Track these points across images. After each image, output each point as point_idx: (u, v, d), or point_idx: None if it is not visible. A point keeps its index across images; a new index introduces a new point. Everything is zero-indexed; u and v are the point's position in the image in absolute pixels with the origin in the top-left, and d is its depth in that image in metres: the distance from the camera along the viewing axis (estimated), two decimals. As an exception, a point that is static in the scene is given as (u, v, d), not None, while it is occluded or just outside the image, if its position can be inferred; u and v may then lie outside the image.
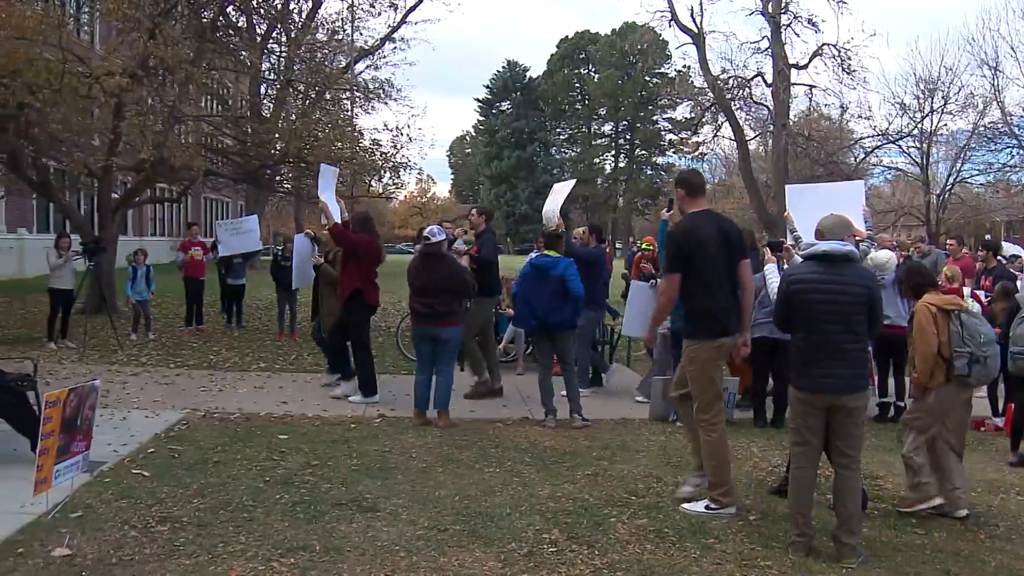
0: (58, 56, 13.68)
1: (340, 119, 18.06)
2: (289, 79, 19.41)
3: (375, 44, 26.57)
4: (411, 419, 8.69)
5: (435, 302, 8.54)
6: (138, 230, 37.06)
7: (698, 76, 33.22)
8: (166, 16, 15.63)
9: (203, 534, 5.30)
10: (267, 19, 19.93)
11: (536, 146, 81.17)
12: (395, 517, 5.73)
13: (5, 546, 5.05)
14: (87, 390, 5.91)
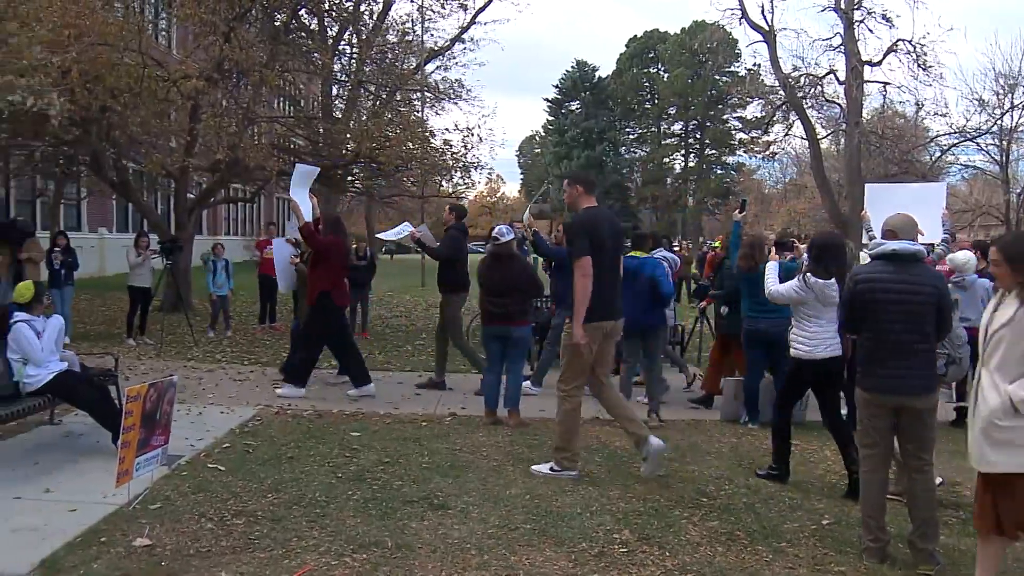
0: (138, 61, 14.00)
1: (411, 119, 18.16)
2: (360, 80, 19.58)
3: (445, 45, 26.62)
4: (482, 418, 8.73)
5: (506, 302, 8.56)
6: (213, 229, 37.75)
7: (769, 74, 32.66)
8: (241, 20, 15.88)
9: (277, 528, 5.38)
10: (338, 21, 20.12)
11: (605, 146, 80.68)
12: (466, 515, 5.76)
13: (89, 534, 5.21)
14: (166, 385, 6.05)
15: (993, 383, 4.38)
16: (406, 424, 8.46)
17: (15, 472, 6.53)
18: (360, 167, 18.03)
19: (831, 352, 6.76)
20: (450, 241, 10.56)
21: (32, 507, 5.75)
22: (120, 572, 4.67)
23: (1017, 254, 4.42)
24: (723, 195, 75.75)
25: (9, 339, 6.88)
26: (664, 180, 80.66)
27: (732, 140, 77.77)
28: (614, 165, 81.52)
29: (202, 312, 17.77)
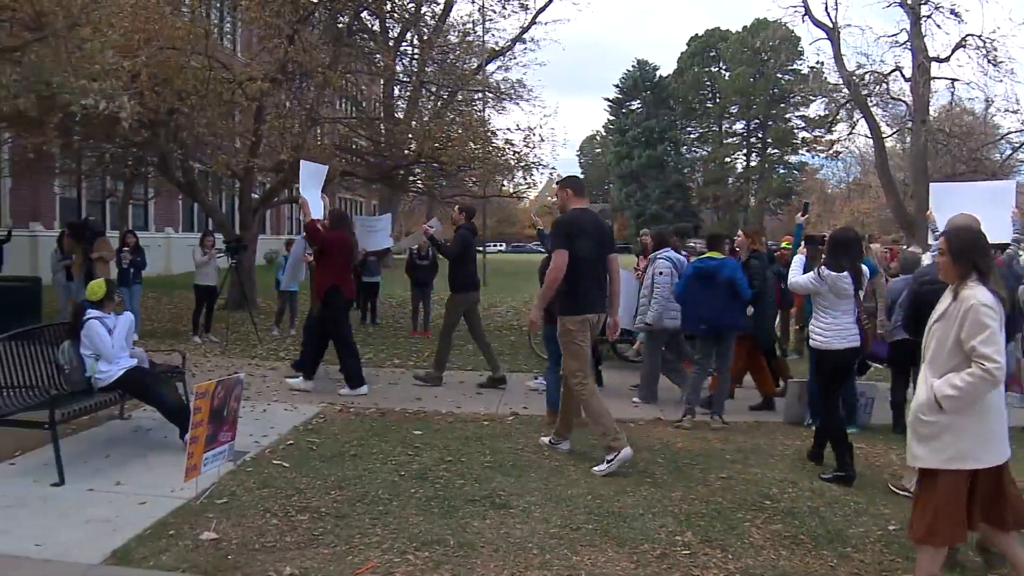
0: (204, 64, 14.25)
1: (473, 119, 18.21)
2: (422, 81, 19.71)
3: (506, 45, 26.71)
4: (543, 417, 8.72)
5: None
6: (276, 229, 38.28)
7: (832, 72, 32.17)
8: (304, 22, 16.08)
9: (341, 525, 5.44)
10: (400, 22, 20.28)
11: (666, 145, 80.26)
12: (528, 514, 5.77)
13: (158, 527, 5.33)
14: (233, 383, 6.15)
15: (925, 377, 4.47)
16: (468, 423, 8.50)
17: (87, 465, 6.70)
18: (422, 167, 18.12)
19: (849, 343, 7.01)
20: (460, 240, 10.75)
21: (104, 499, 5.90)
22: (188, 564, 4.77)
23: (959, 248, 4.47)
24: (785, 195, 74.91)
25: (82, 335, 7.06)
26: (726, 180, 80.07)
27: (795, 139, 76.86)
28: (675, 164, 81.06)
29: (266, 311, 18.01)
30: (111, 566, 4.79)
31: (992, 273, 4.41)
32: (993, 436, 4.37)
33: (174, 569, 4.73)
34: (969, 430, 4.33)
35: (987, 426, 4.35)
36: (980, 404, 4.32)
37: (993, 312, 4.27)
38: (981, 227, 5.48)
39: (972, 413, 4.32)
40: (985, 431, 4.35)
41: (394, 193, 22.57)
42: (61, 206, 25.52)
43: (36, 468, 6.58)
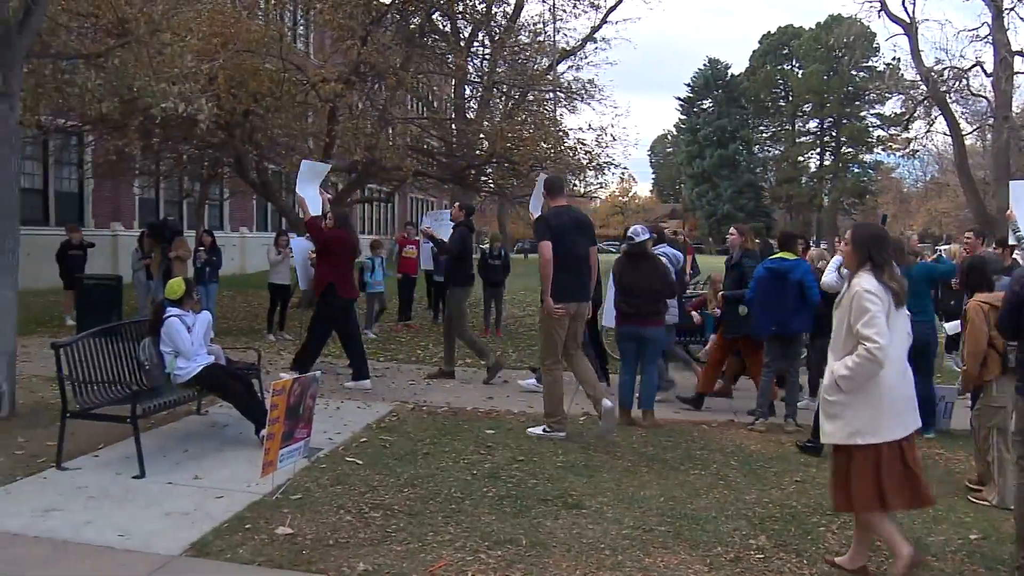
0: (279, 66, 14.50)
1: (545, 119, 18.21)
2: (494, 81, 19.78)
3: (577, 44, 26.67)
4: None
5: (640, 302, 8.51)
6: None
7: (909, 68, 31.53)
8: (377, 23, 16.24)
9: (414, 523, 5.48)
10: (471, 23, 20.37)
11: (738, 144, 79.48)
12: (600, 515, 5.76)
13: (235, 521, 5.43)
14: (309, 380, 6.24)
15: (830, 361, 4.90)
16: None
17: (167, 459, 6.85)
18: (493, 167, 18.18)
19: None
20: (458, 237, 11.04)
21: (183, 492, 6.03)
22: (264, 558, 4.85)
23: (860, 238, 4.92)
24: (860, 194, 73.62)
25: (162, 333, 7.22)
26: (799, 179, 78.91)
27: (869, 137, 75.45)
28: (747, 164, 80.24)
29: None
30: (191, 557, 4.90)
31: (886, 265, 4.78)
32: (887, 412, 4.72)
33: (250, 562, 4.81)
34: (864, 408, 4.72)
35: (881, 403, 4.70)
36: (874, 383, 4.68)
37: (875, 298, 4.65)
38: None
39: (866, 392, 4.70)
40: (879, 408, 4.71)
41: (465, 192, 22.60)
42: (140, 206, 26.14)
43: (118, 461, 6.76)
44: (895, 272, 4.82)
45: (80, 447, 7.04)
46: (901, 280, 4.86)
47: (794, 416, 8.63)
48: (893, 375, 4.73)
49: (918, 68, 29.83)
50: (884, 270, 4.76)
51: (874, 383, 4.69)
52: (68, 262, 15.55)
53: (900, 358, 4.82)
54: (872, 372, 4.64)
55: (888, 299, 4.70)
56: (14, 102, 8.71)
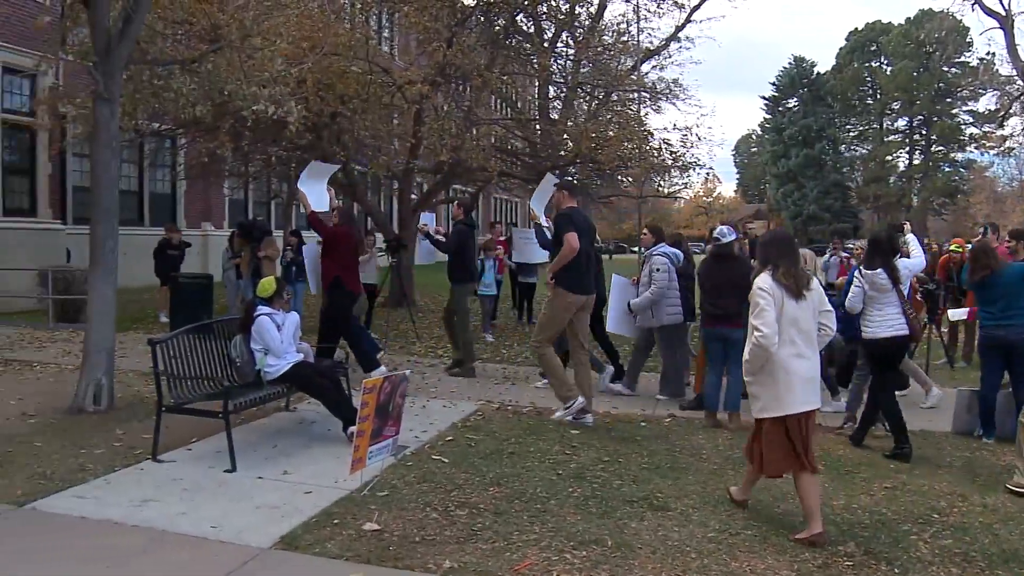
0: (365, 68, 14.67)
1: (630, 119, 18.11)
2: (578, 82, 19.75)
3: (661, 44, 26.47)
4: (702, 419, 8.63)
5: (727, 303, 8.42)
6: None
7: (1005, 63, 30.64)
8: (462, 25, 16.35)
9: (499, 521, 5.50)
10: (555, 23, 20.36)
11: (824, 144, 77.94)
12: (686, 517, 5.71)
13: (323, 516, 5.52)
14: (399, 379, 6.31)
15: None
16: (625, 423, 8.47)
17: (256, 453, 7.01)
18: (578, 167, 18.16)
19: (892, 331, 7.63)
20: (456, 235, 11.49)
21: (272, 487, 6.16)
22: (351, 553, 4.91)
23: (764, 244, 5.96)
24: (951, 194, 71.68)
25: (253, 330, 7.38)
26: (887, 179, 77.11)
27: (962, 135, 73.38)
28: (834, 163, 78.65)
29: (424, 309, 18.40)
30: (280, 550, 4.99)
31: (781, 267, 5.51)
32: (785, 390, 5.44)
33: (338, 557, 4.88)
34: (767, 387, 5.51)
35: (778, 383, 5.44)
36: (774, 366, 5.42)
37: (766, 294, 5.43)
38: None
39: (768, 373, 5.46)
40: (777, 387, 5.46)
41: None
42: (230, 207, 26.75)
43: (210, 455, 6.94)
44: (791, 270, 5.52)
45: (174, 440, 7.24)
46: (798, 276, 5.52)
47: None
48: (790, 358, 5.44)
49: (1014, 63, 28.96)
50: (779, 269, 5.51)
51: (775, 366, 5.42)
52: (165, 261, 16.02)
53: (798, 343, 5.48)
54: (761, 357, 5.41)
55: (781, 293, 5.45)
56: (114, 107, 9.01)
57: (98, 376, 8.61)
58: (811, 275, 5.77)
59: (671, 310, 9.65)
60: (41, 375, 10.73)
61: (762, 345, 5.35)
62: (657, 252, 9.80)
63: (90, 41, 9.55)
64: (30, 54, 17.05)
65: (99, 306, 8.84)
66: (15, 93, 18.60)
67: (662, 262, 9.64)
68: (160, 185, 24.42)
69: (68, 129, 17.63)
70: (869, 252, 7.98)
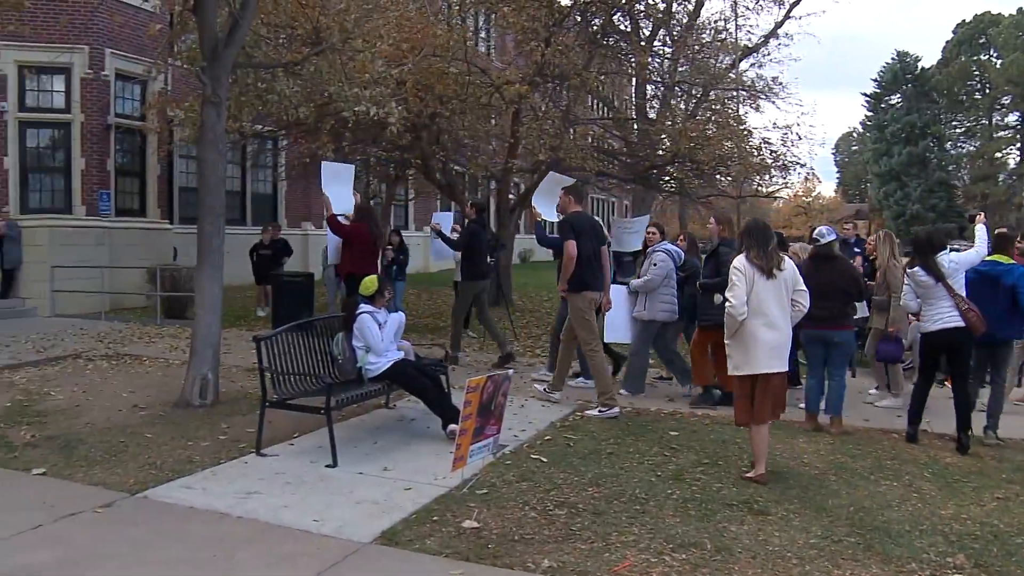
0: (463, 69, 14.77)
1: (729, 118, 17.84)
2: (676, 81, 19.56)
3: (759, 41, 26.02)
4: (802, 423, 8.43)
5: (828, 304, 8.20)
6: (528, 228, 39.02)
7: None
8: (559, 25, 16.33)
9: (598, 522, 5.47)
10: (652, 21, 20.19)
11: (929, 141, 75.54)
12: (787, 522, 5.60)
13: (423, 512, 5.57)
14: (501, 378, 6.33)
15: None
16: (724, 426, 8.31)
17: (357, 449, 7.12)
18: (676, 167, 17.97)
19: (943, 325, 7.71)
20: (467, 234, 12.04)
21: (373, 483, 6.23)
22: (451, 550, 4.94)
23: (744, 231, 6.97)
24: (1068, 193, 68.80)
25: (355, 328, 7.49)
26: (995, 177, 74.41)
27: (1080, 130, 70.27)
28: (939, 161, 76.20)
29: (522, 308, 18.43)
30: (381, 546, 5.05)
31: (753, 250, 6.59)
32: (753, 353, 6.50)
33: (438, 554, 4.91)
34: (739, 350, 6.59)
35: (748, 347, 6.52)
36: (746, 333, 6.51)
37: (739, 272, 6.54)
38: None
39: (740, 338, 6.55)
40: (746, 351, 6.54)
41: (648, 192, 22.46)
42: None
43: (312, 450, 7.07)
44: (761, 253, 6.56)
45: (277, 435, 7.42)
46: (768, 258, 6.55)
47: (994, 428, 8.14)
48: (759, 327, 6.48)
49: None
50: (751, 252, 6.59)
51: (746, 333, 6.51)
52: (257, 260, 16.44)
53: (768, 315, 6.50)
54: (732, 323, 6.54)
55: (753, 271, 6.51)
56: (221, 110, 9.24)
57: (204, 371, 8.84)
58: (784, 258, 6.73)
59: (664, 306, 9.75)
60: (150, 369, 11.09)
61: (731, 314, 6.51)
62: (660, 248, 9.95)
63: (198, 47, 9.85)
64: (141, 61, 17.74)
65: (206, 303, 9.08)
66: (127, 99, 19.26)
67: (661, 257, 9.79)
68: (262, 186, 24.98)
69: (175, 132, 18.23)
70: (911, 251, 8.26)
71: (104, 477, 6.33)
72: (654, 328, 9.90)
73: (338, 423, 7.29)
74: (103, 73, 18.25)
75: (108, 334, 14.29)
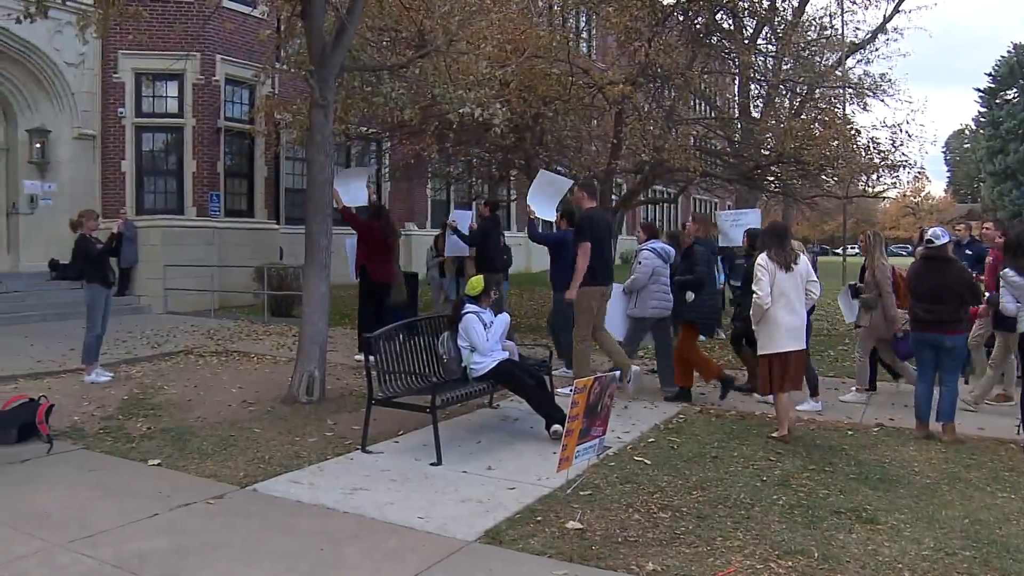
0: (566, 70, 14.76)
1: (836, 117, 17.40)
2: (780, 79, 19.18)
3: (867, 37, 25.35)
4: (912, 430, 8.16)
5: (940, 308, 7.94)
6: (631, 230, 38.80)
7: None
8: (662, 24, 16.18)
9: (702, 526, 5.41)
10: (755, 19, 19.84)
11: (1047, 138, 72.72)
12: (897, 532, 5.42)
13: (527, 512, 5.60)
14: (608, 379, 6.30)
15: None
16: (830, 431, 8.15)
17: (461, 448, 7.18)
18: (780, 167, 17.62)
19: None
20: (481, 231, 12.94)
21: (476, 481, 6.29)
22: (554, 551, 4.94)
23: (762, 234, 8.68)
24: None
25: (460, 328, 7.55)
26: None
27: None
28: (1058, 159, 73.10)
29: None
30: (485, 544, 5.09)
31: (773, 248, 7.83)
32: (775, 335, 7.75)
33: (541, 554, 4.92)
34: (764, 332, 7.83)
35: (770, 330, 7.77)
36: (768, 317, 7.73)
37: (763, 269, 7.73)
38: None
39: (765, 323, 7.78)
40: (771, 333, 7.77)
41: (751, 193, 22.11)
42: (432, 207, 27.51)
43: (416, 448, 7.17)
44: (780, 251, 7.81)
45: (382, 432, 7.54)
46: (786, 255, 7.78)
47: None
48: (781, 313, 7.71)
49: None
50: (772, 251, 7.83)
51: (770, 318, 7.72)
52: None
53: (789, 301, 7.74)
54: (759, 311, 7.75)
55: (774, 267, 7.72)
56: (329, 112, 9.44)
57: (311, 368, 9.03)
58: (798, 254, 7.95)
59: (654, 302, 9.82)
60: (258, 366, 11.38)
61: (759, 305, 7.72)
62: (647, 247, 10.05)
63: (305, 51, 10.05)
64: (250, 66, 18.24)
65: (313, 301, 9.28)
66: (236, 103, 19.88)
67: (646, 255, 9.94)
68: (366, 187, 25.39)
69: (283, 134, 18.68)
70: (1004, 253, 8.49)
71: (215, 470, 6.54)
72: (646, 324, 10.04)
73: (442, 422, 7.34)
74: (214, 78, 18.88)
75: (217, 331, 14.72)
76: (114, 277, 11.02)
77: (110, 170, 18.68)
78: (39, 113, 18.03)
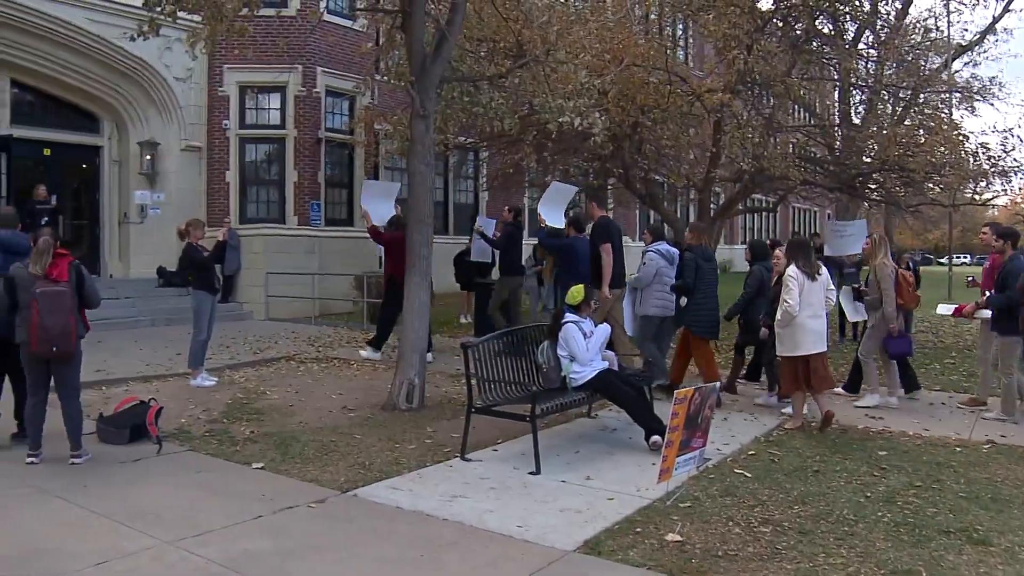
0: (664, 79, 14.69)
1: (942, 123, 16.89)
2: (883, 84, 18.72)
3: (974, 39, 24.61)
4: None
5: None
6: (729, 239, 38.34)
7: None
8: (761, 31, 15.96)
9: (804, 541, 5.31)
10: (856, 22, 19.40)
11: None
12: (1011, 555, 5.21)
13: (625, 523, 5.58)
14: (708, 390, 6.25)
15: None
16: (937, 447, 7.89)
17: (559, 458, 7.18)
18: (883, 174, 17.18)
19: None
20: (504, 235, 13.79)
21: (575, 491, 6.29)
22: (654, 563, 4.92)
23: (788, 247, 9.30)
24: None
25: (560, 337, 7.56)
26: None
27: None
28: None
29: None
30: (583, 555, 5.09)
31: (799, 260, 8.53)
32: (800, 339, 8.39)
33: (640, 565, 4.90)
34: (789, 336, 8.45)
35: (795, 334, 8.40)
36: (793, 324, 8.36)
37: (792, 278, 8.38)
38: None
39: (790, 327, 8.41)
40: (796, 337, 8.41)
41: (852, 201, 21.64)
42: (529, 216, 27.61)
43: (515, 456, 7.20)
44: (807, 262, 8.52)
45: (480, 441, 7.60)
46: (812, 266, 8.52)
47: None
48: (806, 318, 8.37)
49: None
50: (799, 262, 8.51)
51: (797, 323, 8.36)
52: (462, 268, 16.89)
53: (813, 307, 8.43)
54: (788, 318, 8.35)
55: (803, 277, 8.39)
56: (429, 123, 9.56)
57: (411, 376, 9.14)
58: (820, 264, 8.72)
59: (656, 302, 10.11)
60: (357, 373, 11.57)
61: (789, 312, 8.31)
62: (652, 249, 10.38)
63: (406, 63, 10.20)
64: (349, 77, 18.64)
65: (414, 310, 9.39)
66: (336, 114, 20.28)
67: (650, 256, 10.25)
68: (463, 196, 25.58)
69: (382, 145, 19.01)
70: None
71: (317, 474, 6.69)
72: (651, 322, 10.23)
73: (541, 431, 7.36)
74: (315, 90, 19.30)
75: (318, 338, 15.01)
76: (219, 284, 11.37)
77: (215, 180, 19.29)
78: (149, 126, 18.74)
